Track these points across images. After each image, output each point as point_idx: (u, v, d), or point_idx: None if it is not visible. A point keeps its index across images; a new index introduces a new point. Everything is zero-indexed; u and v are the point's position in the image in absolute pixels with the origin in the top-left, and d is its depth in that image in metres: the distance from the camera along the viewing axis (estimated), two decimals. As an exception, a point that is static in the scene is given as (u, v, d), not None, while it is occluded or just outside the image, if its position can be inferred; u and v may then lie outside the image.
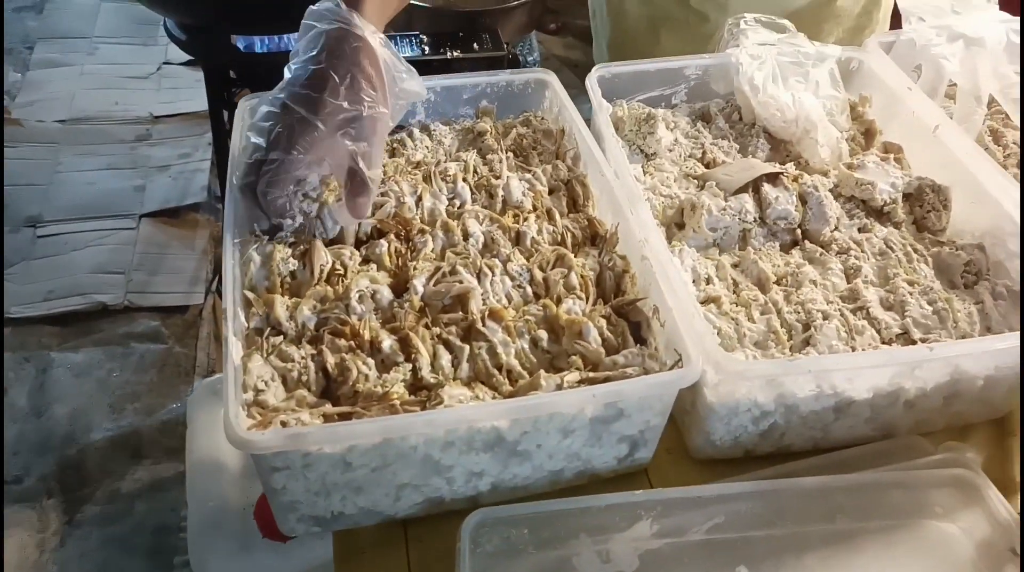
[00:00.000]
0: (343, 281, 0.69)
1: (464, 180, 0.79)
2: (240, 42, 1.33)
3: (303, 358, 0.63)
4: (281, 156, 0.67)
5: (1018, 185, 0.82)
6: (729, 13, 0.96)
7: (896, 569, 0.65)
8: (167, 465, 1.42)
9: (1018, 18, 1.02)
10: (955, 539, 0.67)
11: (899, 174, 0.86)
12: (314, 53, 0.68)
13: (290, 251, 0.71)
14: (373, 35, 0.70)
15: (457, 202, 0.78)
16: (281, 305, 0.67)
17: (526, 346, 0.66)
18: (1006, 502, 0.66)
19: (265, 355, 0.64)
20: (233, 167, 0.74)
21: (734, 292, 0.76)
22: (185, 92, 2.21)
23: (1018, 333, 0.70)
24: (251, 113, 0.84)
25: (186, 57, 2.27)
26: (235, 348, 0.62)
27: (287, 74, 0.70)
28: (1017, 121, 0.96)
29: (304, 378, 0.63)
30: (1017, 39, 1.00)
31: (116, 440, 1.49)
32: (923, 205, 0.84)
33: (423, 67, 1.36)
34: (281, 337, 0.66)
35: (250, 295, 0.67)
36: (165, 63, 2.38)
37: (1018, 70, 1.00)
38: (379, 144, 0.70)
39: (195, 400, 0.87)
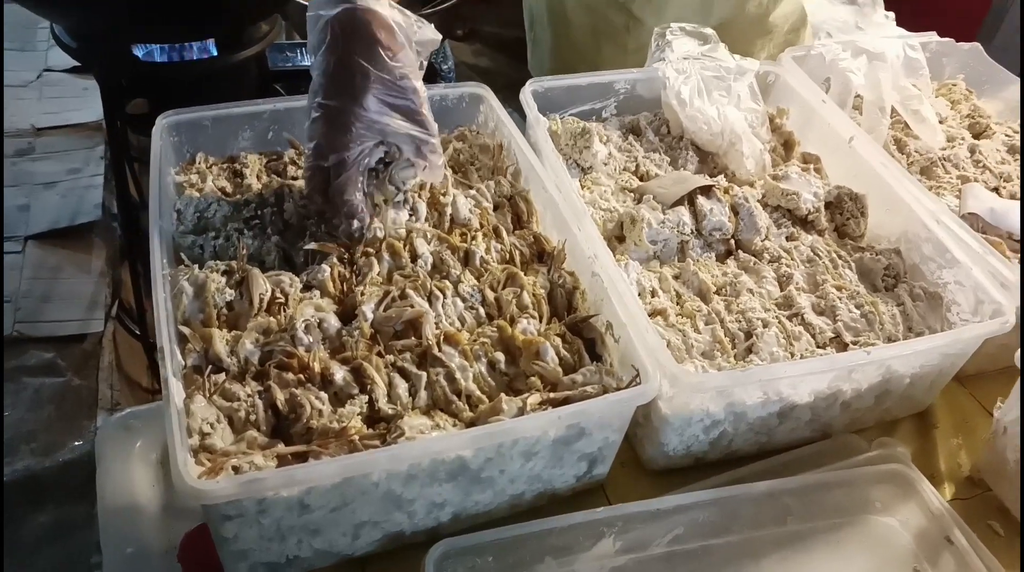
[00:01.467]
0: (284, 310, 0.66)
1: (419, 195, 0.77)
2: (139, 51, 1.24)
3: (249, 396, 0.60)
4: (340, 156, 0.67)
5: (927, 192, 0.87)
6: (666, 19, 0.98)
7: (845, 565, 0.68)
8: (72, 509, 1.30)
9: (913, 34, 1.09)
10: (895, 532, 0.70)
11: (820, 183, 0.90)
12: (328, 42, 0.67)
13: (224, 280, 0.66)
14: (378, 2, 0.67)
15: (415, 218, 0.76)
16: (220, 339, 0.62)
17: (484, 369, 0.65)
18: (937, 493, 0.70)
19: (208, 395, 0.59)
20: (159, 193, 0.69)
21: (678, 303, 0.77)
22: (72, 102, 2.03)
23: (939, 333, 0.75)
24: (170, 131, 0.79)
25: (70, 63, 2.09)
26: (176, 389, 0.57)
27: (312, 74, 0.68)
28: (917, 130, 1.03)
29: (252, 418, 0.59)
30: (913, 54, 1.07)
31: (12, 484, 1.36)
32: (843, 213, 0.89)
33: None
34: (223, 374, 0.61)
35: (186, 330, 0.62)
36: (47, 70, 2.18)
37: (914, 82, 1.07)
38: (423, 103, 0.70)
39: (103, 438, 0.80)
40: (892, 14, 1.08)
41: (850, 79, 1.02)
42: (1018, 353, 0.71)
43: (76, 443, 1.40)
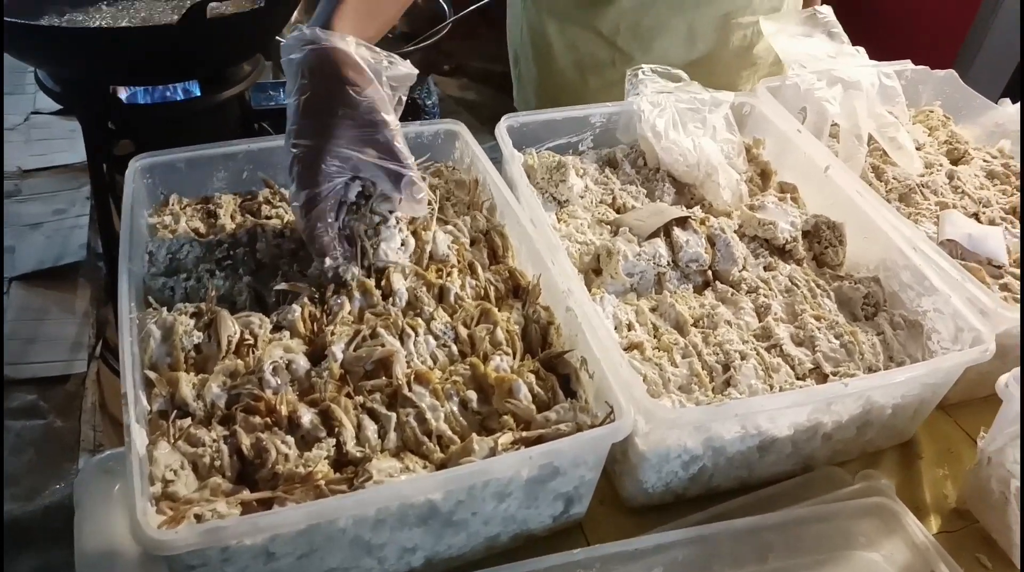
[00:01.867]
0: (254, 352, 0.65)
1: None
2: (122, 93, 1.25)
3: (215, 441, 0.59)
4: (310, 193, 0.67)
5: (904, 219, 0.87)
6: (653, 53, 0.98)
7: (829, 603, 0.67)
8: (56, 553, 1.28)
9: (888, 63, 1.11)
10: (879, 567, 0.69)
11: (797, 213, 0.90)
12: (298, 84, 0.68)
13: (193, 323, 0.66)
14: (344, 41, 0.68)
15: (404, 249, 0.76)
16: (187, 384, 0.61)
17: (455, 409, 0.64)
18: (922, 526, 0.69)
19: (172, 441, 0.58)
20: (130, 235, 0.69)
21: (655, 336, 0.76)
22: (58, 143, 2.04)
23: (920, 362, 0.75)
24: (143, 173, 0.79)
25: (56, 106, 2.11)
26: (139, 436, 0.56)
27: (288, 115, 0.69)
28: (895, 157, 1.03)
29: (217, 463, 0.58)
30: (888, 82, 1.08)
31: (-6, 529, 1.34)
32: (821, 241, 0.89)
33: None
34: (189, 419, 0.61)
35: (152, 375, 0.62)
36: (34, 113, 2.20)
37: (890, 110, 1.08)
38: (397, 135, 0.70)
39: (82, 480, 0.79)
40: (862, 48, 1.09)
41: (826, 108, 1.02)
42: (1003, 378, 0.70)
43: (57, 486, 1.38)
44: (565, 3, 1.15)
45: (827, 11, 1.07)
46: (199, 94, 1.25)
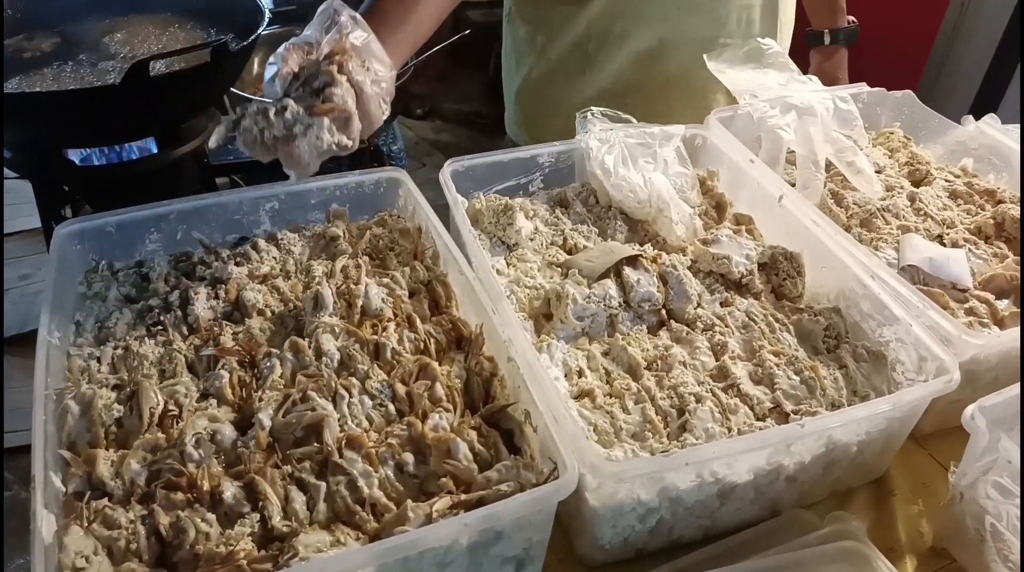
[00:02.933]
0: (178, 423, 0.62)
1: (327, 284, 0.74)
2: (75, 156, 1.24)
3: (131, 522, 0.55)
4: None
5: (860, 246, 0.85)
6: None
7: (800, 659, 0.63)
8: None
9: (841, 86, 1.09)
10: (851, 615, 0.65)
11: (752, 245, 0.88)
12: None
13: (114, 396, 0.63)
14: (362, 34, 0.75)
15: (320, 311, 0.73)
16: (104, 461, 0.58)
17: (391, 473, 0.61)
18: (895, 569, 0.65)
19: (86, 524, 0.55)
20: (51, 307, 0.67)
21: (607, 382, 0.74)
22: (23, 207, 2.02)
23: (881, 398, 0.72)
24: (72, 239, 0.76)
25: (16, 172, 2.10)
26: (45, 522, 0.53)
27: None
28: (854, 181, 1.01)
29: (133, 546, 0.55)
30: (844, 106, 1.07)
31: (-47, 606, 1.29)
32: (778, 273, 0.86)
33: (279, 167, 1.31)
34: (106, 499, 0.57)
35: (66, 455, 0.58)
36: (-4, 178, 2.19)
37: (848, 134, 1.06)
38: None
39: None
40: (814, 76, 1.08)
41: (780, 136, 1.01)
42: (968, 410, 0.67)
43: (20, 561, 1.34)
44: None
45: (771, 42, 1.06)
46: (155, 151, 1.23)
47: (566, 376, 0.73)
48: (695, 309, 0.81)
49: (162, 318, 0.72)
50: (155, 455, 0.59)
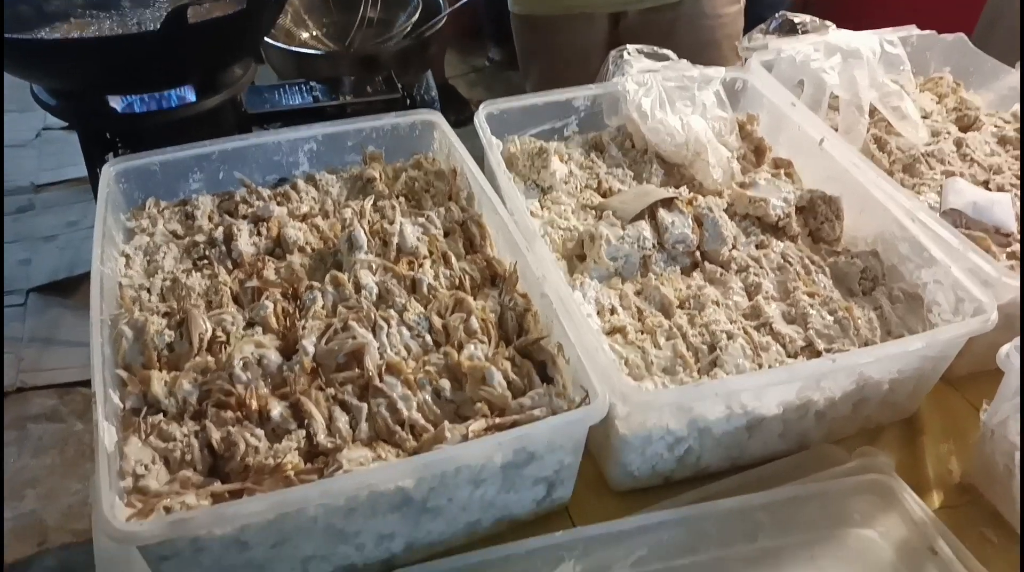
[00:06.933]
0: (226, 348, 0.65)
1: (360, 225, 0.76)
2: (118, 103, 1.27)
3: (185, 436, 0.59)
4: None
5: (903, 190, 0.84)
6: None
7: (821, 583, 0.64)
8: (77, 550, 1.31)
9: (889, 29, 1.06)
10: (875, 544, 0.66)
11: (790, 188, 0.87)
12: None
13: (165, 322, 0.66)
14: None
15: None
16: (158, 381, 0.62)
17: (428, 398, 0.63)
18: (921, 502, 0.66)
19: (143, 437, 0.59)
20: (102, 239, 0.70)
21: (639, 320, 0.75)
22: (69, 157, 2.08)
23: (917, 334, 0.71)
24: (118, 178, 0.79)
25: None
26: (107, 433, 0.57)
27: None
28: (898, 127, 0.99)
29: (188, 457, 0.58)
30: (892, 49, 1.04)
31: (18, 529, 1.38)
32: (816, 217, 0.86)
33: (315, 115, 1.32)
34: (161, 415, 0.61)
35: (123, 374, 0.62)
36: (45, 129, 2.25)
37: (895, 78, 1.04)
38: None
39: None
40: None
41: (823, 79, 0.99)
42: (1003, 348, 0.67)
43: (79, 486, 1.42)
44: None
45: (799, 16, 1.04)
46: (194, 99, 1.26)
47: (598, 313, 0.75)
48: (730, 251, 0.81)
49: (207, 253, 0.75)
50: (205, 376, 0.63)
